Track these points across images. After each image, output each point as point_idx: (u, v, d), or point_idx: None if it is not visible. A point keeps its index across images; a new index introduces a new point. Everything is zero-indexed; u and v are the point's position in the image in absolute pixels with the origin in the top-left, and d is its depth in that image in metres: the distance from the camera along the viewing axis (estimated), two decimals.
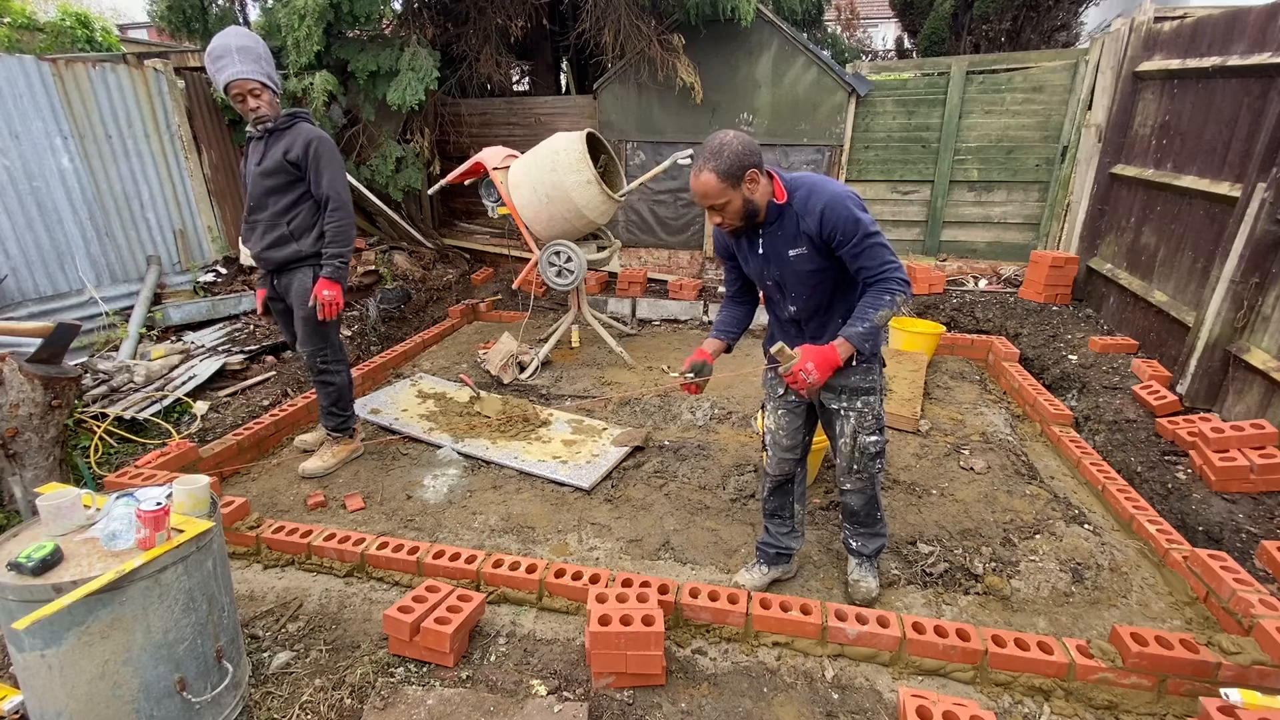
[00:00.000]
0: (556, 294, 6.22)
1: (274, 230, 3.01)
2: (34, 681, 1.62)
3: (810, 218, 2.02)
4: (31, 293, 4.60)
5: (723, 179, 1.97)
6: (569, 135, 4.38)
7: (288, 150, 2.90)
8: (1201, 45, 4.16)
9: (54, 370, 2.85)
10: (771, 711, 2.00)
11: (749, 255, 2.24)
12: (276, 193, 2.97)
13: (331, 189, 2.96)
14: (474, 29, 6.72)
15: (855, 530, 2.51)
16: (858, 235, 1.98)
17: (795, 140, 6.20)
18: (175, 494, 1.81)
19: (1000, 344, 4.76)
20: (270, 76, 2.88)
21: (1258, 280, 3.31)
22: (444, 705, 1.94)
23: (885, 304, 2.00)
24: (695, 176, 2.00)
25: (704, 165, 1.97)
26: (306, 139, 2.90)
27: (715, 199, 2.01)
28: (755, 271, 2.26)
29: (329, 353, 3.25)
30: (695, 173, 2.00)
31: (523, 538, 2.88)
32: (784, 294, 2.22)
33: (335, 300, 3.02)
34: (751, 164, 1.99)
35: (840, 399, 2.27)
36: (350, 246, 3.04)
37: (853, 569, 2.54)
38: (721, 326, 2.46)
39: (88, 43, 6.94)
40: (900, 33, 10.75)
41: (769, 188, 2.08)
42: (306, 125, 2.96)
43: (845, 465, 2.35)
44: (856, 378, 2.23)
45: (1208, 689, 1.95)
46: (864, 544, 2.51)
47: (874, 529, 2.49)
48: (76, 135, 4.83)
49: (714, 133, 2.04)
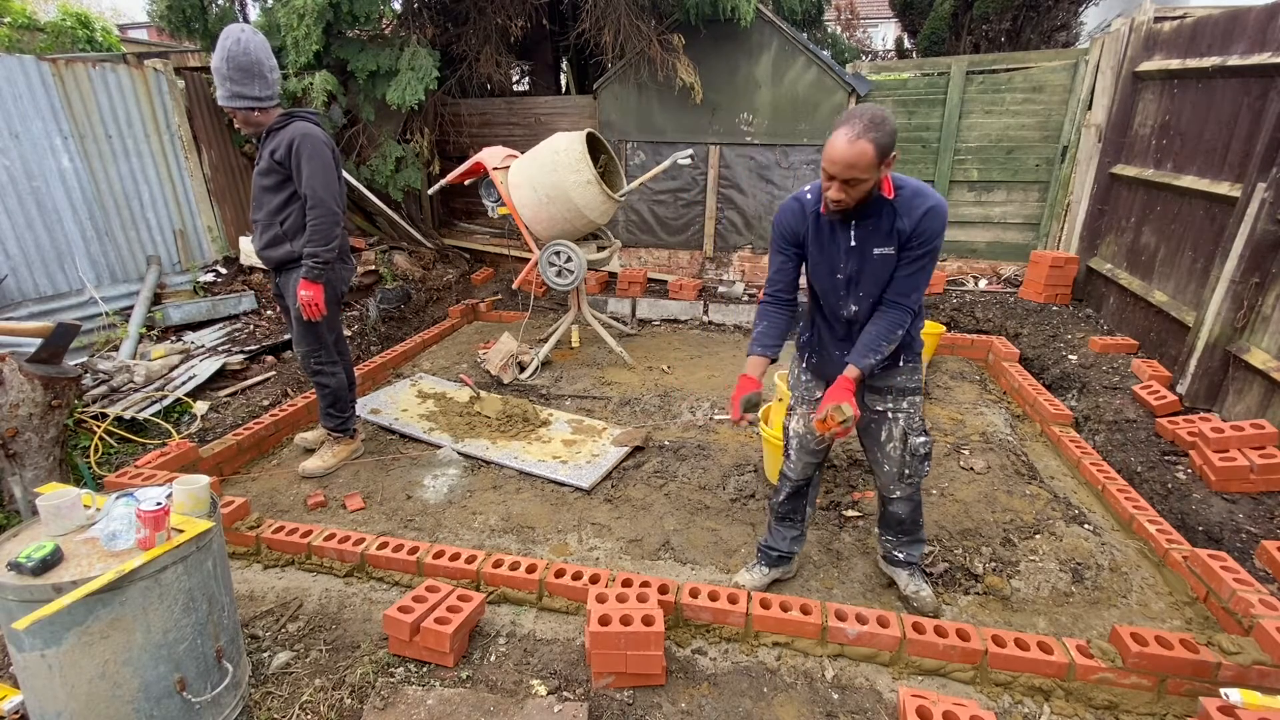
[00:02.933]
0: (556, 294, 6.22)
1: (269, 230, 3.01)
2: (34, 681, 1.61)
3: (908, 218, 1.93)
4: (31, 293, 4.60)
5: (878, 154, 1.78)
6: (569, 135, 4.38)
7: (275, 150, 2.87)
8: (1201, 45, 4.16)
9: (54, 370, 2.85)
10: (771, 711, 2.00)
11: (829, 245, 2.05)
12: (270, 192, 2.96)
13: (309, 186, 2.86)
14: (474, 29, 6.72)
15: (900, 540, 2.42)
16: (930, 252, 1.96)
17: (795, 140, 6.20)
18: (175, 494, 1.81)
19: (1000, 344, 4.76)
20: (256, 96, 2.82)
21: (1258, 280, 3.31)
22: (444, 705, 1.94)
23: (896, 337, 2.01)
24: (849, 143, 1.76)
25: (863, 134, 1.76)
26: (291, 137, 2.84)
27: (861, 173, 1.80)
28: (827, 264, 2.08)
29: (322, 354, 3.22)
30: (849, 139, 1.77)
31: (523, 538, 2.88)
32: (851, 292, 2.08)
33: (313, 301, 2.96)
34: (895, 146, 1.85)
35: (887, 400, 2.19)
36: (330, 246, 2.93)
37: (906, 582, 2.44)
38: (766, 339, 2.18)
39: (88, 43, 6.94)
40: (900, 33, 10.75)
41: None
42: (297, 123, 2.89)
43: (896, 472, 2.24)
44: (903, 378, 2.17)
45: (1208, 689, 1.95)
46: (910, 552, 2.43)
47: (918, 534, 2.42)
48: (76, 135, 4.82)
49: (862, 104, 1.85)
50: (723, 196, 6.59)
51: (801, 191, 2.12)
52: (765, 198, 6.48)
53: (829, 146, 1.83)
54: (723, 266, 6.86)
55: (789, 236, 2.13)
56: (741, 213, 6.60)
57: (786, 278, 2.19)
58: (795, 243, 2.13)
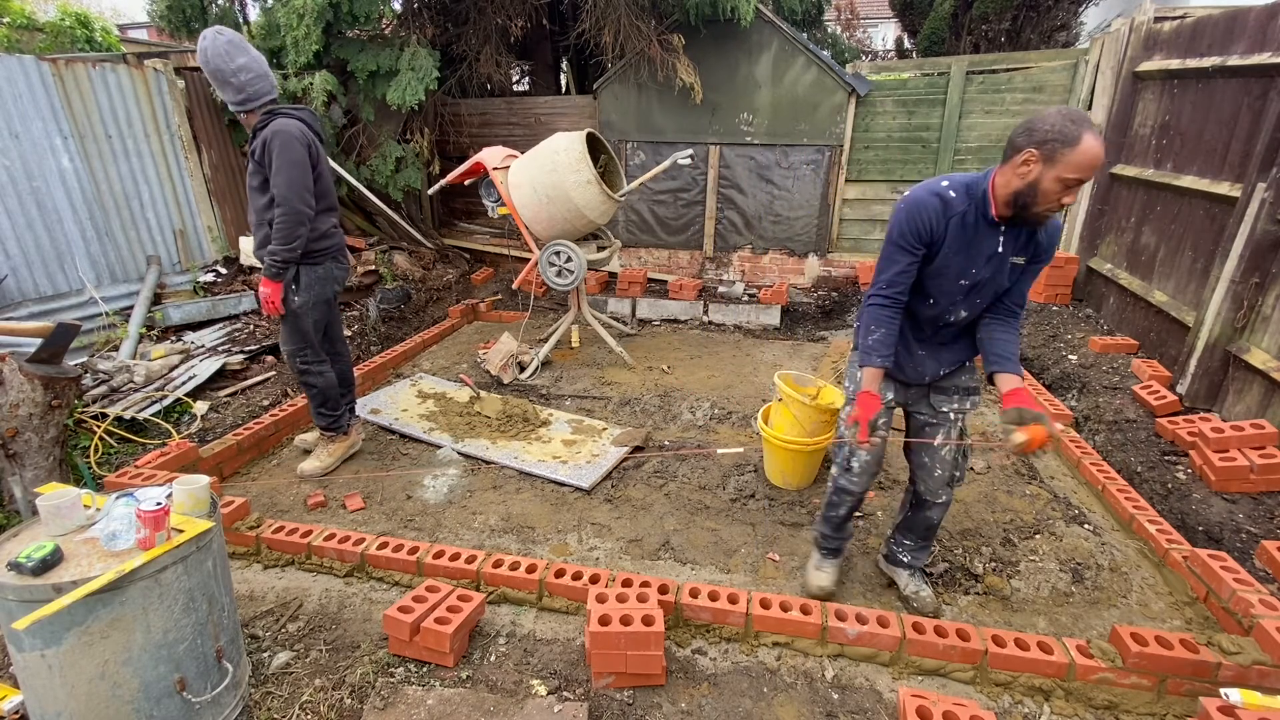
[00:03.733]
0: (556, 294, 6.23)
1: (260, 230, 2.99)
2: (34, 681, 1.61)
3: (1045, 231, 1.92)
4: (31, 293, 4.60)
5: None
6: (569, 135, 4.38)
7: (255, 150, 2.86)
8: (1201, 45, 4.15)
9: (54, 370, 2.85)
10: (771, 711, 2.00)
11: (969, 250, 1.93)
12: (257, 192, 2.93)
13: (274, 184, 2.80)
14: (474, 29, 6.72)
15: (916, 544, 2.39)
16: (1046, 263, 1.97)
17: (795, 140, 6.20)
18: (175, 494, 1.81)
19: None
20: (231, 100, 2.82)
21: (1258, 280, 3.31)
22: (444, 705, 1.94)
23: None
24: (1097, 141, 1.70)
25: (1099, 136, 1.73)
26: (265, 137, 2.81)
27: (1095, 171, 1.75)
28: (957, 268, 1.96)
29: (308, 353, 3.16)
30: (1097, 138, 1.70)
31: (523, 538, 2.88)
32: (968, 298, 2.01)
33: (270, 299, 2.94)
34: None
35: (953, 400, 2.16)
36: (290, 246, 2.87)
37: (906, 582, 2.44)
38: (884, 349, 2.04)
39: (88, 43, 6.93)
40: (900, 33, 10.75)
41: None
42: (275, 121, 2.83)
43: (946, 476, 2.18)
44: (966, 376, 2.17)
45: (1208, 689, 1.95)
46: (918, 557, 2.42)
47: (933, 540, 2.41)
48: (76, 135, 4.83)
49: (1070, 108, 1.78)
50: (723, 196, 6.60)
51: (939, 187, 1.94)
52: (765, 198, 6.48)
53: (1085, 150, 1.68)
54: (723, 266, 6.86)
55: (922, 235, 1.93)
56: (741, 213, 6.60)
57: (910, 279, 2.01)
58: (927, 242, 1.95)
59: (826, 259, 6.52)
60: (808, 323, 6.09)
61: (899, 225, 1.96)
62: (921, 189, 1.96)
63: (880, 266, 2.04)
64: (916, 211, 1.93)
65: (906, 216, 1.94)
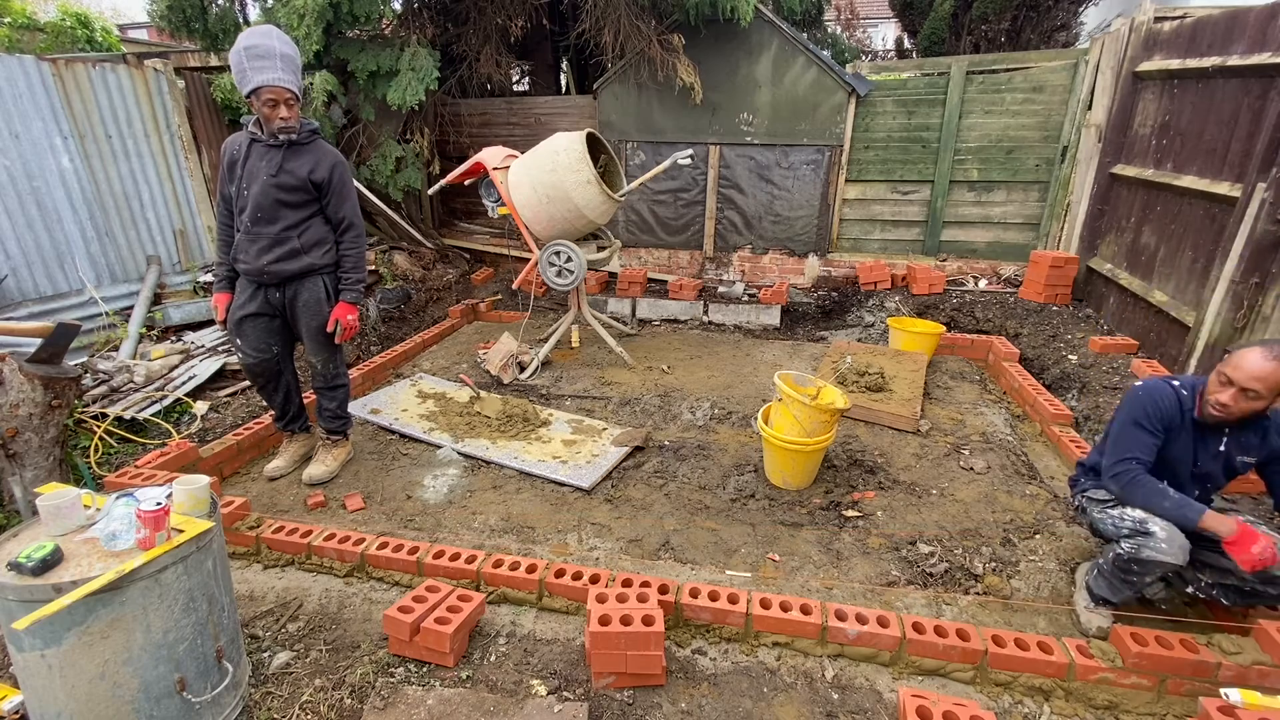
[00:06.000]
0: (556, 294, 6.23)
1: (284, 244, 2.95)
2: (34, 681, 1.62)
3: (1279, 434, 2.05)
4: (31, 293, 4.60)
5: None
6: (569, 135, 4.38)
7: (313, 170, 2.90)
8: (1201, 45, 4.16)
9: (54, 370, 2.85)
10: (771, 711, 2.00)
11: (1193, 445, 2.12)
12: (291, 208, 2.93)
13: (352, 214, 3.05)
14: (474, 29, 6.72)
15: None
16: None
17: (795, 140, 6.20)
18: (175, 494, 1.81)
19: (1000, 344, 4.76)
20: (302, 89, 2.93)
21: (1258, 280, 3.31)
22: (444, 705, 1.94)
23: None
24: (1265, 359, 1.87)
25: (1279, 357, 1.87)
26: (331, 163, 2.95)
27: (1264, 391, 1.89)
28: (1180, 457, 2.13)
29: (338, 358, 3.31)
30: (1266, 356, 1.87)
31: (523, 538, 2.88)
32: (1197, 483, 2.15)
33: (355, 325, 3.14)
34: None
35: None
36: (365, 270, 3.16)
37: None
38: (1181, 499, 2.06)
39: (88, 43, 6.94)
40: (900, 33, 10.74)
41: None
42: (324, 144, 2.99)
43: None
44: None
45: (1208, 689, 1.95)
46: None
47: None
48: (76, 135, 4.83)
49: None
50: (723, 196, 6.60)
51: (1174, 383, 2.17)
52: (765, 197, 6.48)
53: (1241, 356, 1.94)
54: (723, 266, 6.86)
55: (1164, 420, 2.14)
56: (741, 213, 6.60)
57: (1153, 454, 2.16)
58: (1166, 428, 2.15)
59: (826, 259, 6.52)
60: (808, 323, 6.10)
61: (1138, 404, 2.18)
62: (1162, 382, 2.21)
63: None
64: (1157, 399, 2.15)
65: (1147, 399, 2.17)
